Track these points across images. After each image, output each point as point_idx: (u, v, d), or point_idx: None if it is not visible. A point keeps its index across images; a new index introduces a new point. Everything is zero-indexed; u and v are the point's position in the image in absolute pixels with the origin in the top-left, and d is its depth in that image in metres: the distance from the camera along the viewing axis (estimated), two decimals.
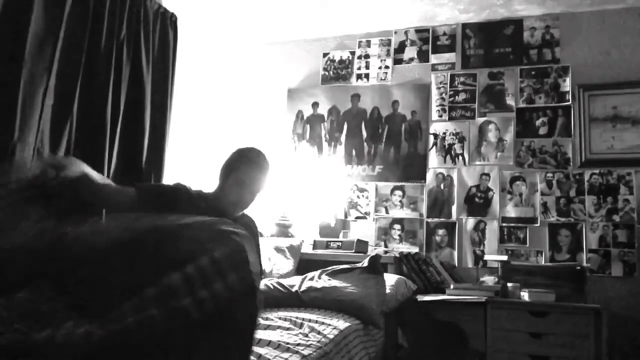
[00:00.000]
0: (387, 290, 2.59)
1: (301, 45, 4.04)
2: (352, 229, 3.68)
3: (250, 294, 1.20)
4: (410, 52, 3.81)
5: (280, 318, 2.00)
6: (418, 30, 3.80)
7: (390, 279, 2.79)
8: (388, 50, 3.85)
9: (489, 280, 3.12)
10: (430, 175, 3.60)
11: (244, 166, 2.10)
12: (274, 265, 3.01)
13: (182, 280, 1.15)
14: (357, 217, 3.71)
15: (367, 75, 3.88)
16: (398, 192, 3.65)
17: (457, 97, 3.63)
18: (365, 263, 2.61)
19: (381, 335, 2.48)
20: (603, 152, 3.27)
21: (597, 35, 3.39)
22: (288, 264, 3.12)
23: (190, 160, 3.60)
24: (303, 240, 3.36)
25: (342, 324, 2.08)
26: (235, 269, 1.18)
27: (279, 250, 3.18)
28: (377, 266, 2.60)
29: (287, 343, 1.59)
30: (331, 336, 1.86)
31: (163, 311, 1.11)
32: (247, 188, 2.06)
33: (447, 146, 3.59)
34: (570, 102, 3.38)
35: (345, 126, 3.86)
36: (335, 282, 2.45)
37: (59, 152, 2.38)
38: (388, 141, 3.74)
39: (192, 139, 3.64)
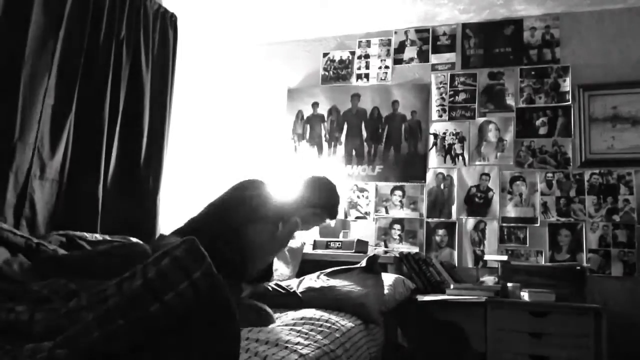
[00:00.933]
0: (386, 290, 2.59)
1: (301, 45, 4.04)
2: (352, 229, 3.68)
3: (217, 288, 1.16)
4: (410, 52, 3.81)
5: (278, 318, 2.00)
6: (418, 30, 3.80)
7: (389, 278, 2.79)
8: (388, 50, 3.85)
9: (489, 280, 3.12)
10: (430, 175, 3.60)
11: (328, 215, 2.29)
12: (275, 271, 3.00)
13: (144, 286, 1.11)
14: (357, 217, 3.71)
15: (367, 75, 3.88)
16: (398, 192, 3.65)
17: (457, 97, 3.63)
18: (364, 263, 2.62)
19: (381, 334, 2.48)
20: (603, 152, 3.26)
21: (597, 35, 3.39)
22: (289, 267, 3.11)
23: (190, 160, 3.61)
24: (304, 242, 3.36)
25: (343, 322, 2.08)
26: (199, 266, 1.14)
27: None
28: (375, 266, 2.60)
29: (286, 342, 1.59)
30: (332, 336, 1.86)
31: (129, 321, 1.07)
32: (310, 227, 2.29)
33: (447, 146, 3.59)
34: (570, 102, 3.38)
35: (345, 126, 3.86)
36: (333, 282, 2.45)
37: (58, 151, 2.39)
38: (388, 141, 3.74)
39: (191, 139, 3.65)
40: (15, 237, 1.81)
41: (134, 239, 2.33)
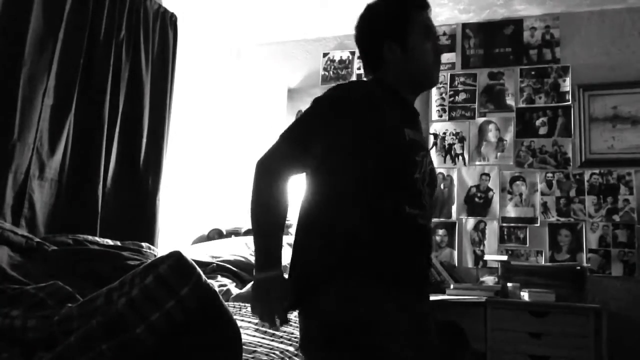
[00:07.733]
0: None
1: (301, 45, 4.03)
2: None
3: (210, 303, 1.11)
4: None
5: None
6: None
7: None
8: None
9: (489, 280, 3.11)
10: None
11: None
12: None
13: (128, 306, 1.06)
14: None
15: None
16: None
17: (457, 97, 3.63)
18: None
19: None
20: (603, 152, 3.26)
21: (597, 35, 3.39)
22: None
23: (190, 161, 3.60)
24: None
25: None
26: (187, 282, 1.08)
27: None
28: None
29: (289, 340, 1.58)
30: None
31: (113, 345, 1.03)
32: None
33: (447, 146, 3.59)
34: (570, 102, 3.37)
35: None
36: None
37: (58, 151, 2.38)
38: None
39: (191, 139, 3.64)
40: (15, 237, 1.81)
41: (145, 244, 2.32)
